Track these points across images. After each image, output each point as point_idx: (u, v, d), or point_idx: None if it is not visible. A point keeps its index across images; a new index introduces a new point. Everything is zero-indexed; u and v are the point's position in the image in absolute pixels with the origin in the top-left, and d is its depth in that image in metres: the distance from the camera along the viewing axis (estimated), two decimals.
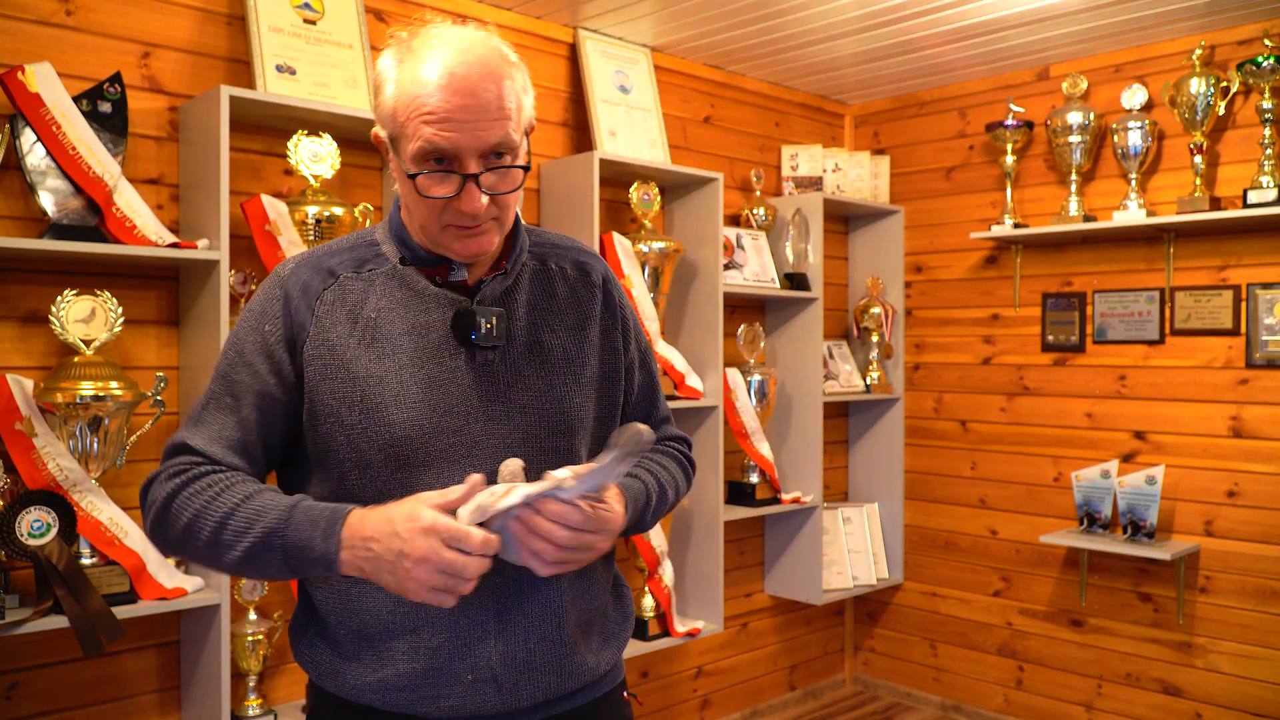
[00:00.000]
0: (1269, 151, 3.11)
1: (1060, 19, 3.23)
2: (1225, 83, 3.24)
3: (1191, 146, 3.28)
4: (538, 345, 1.31)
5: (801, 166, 4.00)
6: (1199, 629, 3.35)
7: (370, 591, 1.25)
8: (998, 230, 3.67)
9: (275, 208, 2.45)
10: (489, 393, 1.26)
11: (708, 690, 3.81)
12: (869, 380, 4.05)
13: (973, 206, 3.96)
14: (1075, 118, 3.49)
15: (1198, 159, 3.26)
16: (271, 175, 2.68)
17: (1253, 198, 3.10)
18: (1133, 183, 3.41)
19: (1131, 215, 3.36)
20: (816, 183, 3.99)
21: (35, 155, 2.21)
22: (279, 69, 2.56)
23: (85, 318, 2.21)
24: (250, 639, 2.47)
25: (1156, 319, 3.45)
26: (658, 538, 3.21)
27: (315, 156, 2.53)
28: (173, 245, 2.29)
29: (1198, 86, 3.22)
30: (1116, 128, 3.42)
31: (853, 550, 4.02)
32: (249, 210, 2.46)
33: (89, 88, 2.29)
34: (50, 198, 2.23)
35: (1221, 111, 3.25)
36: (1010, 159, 3.75)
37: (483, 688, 1.24)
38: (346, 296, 1.28)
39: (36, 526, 2.12)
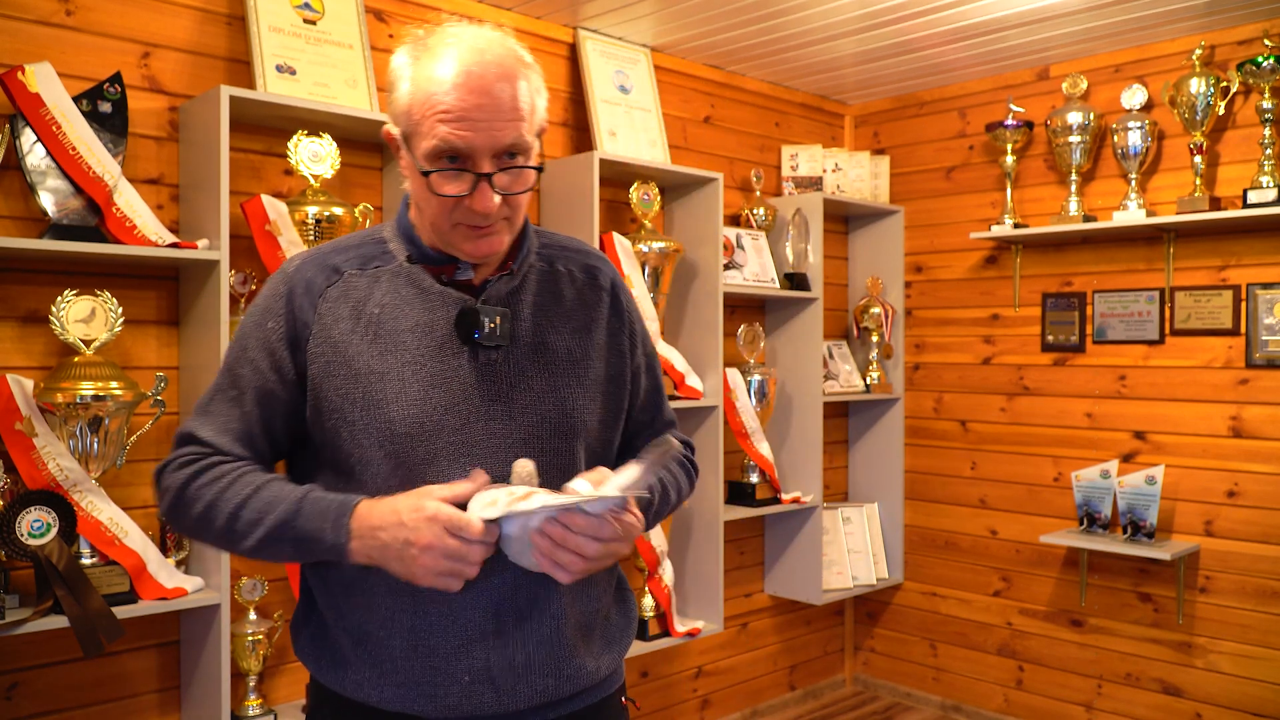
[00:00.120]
0: (1269, 151, 3.11)
1: (1060, 19, 3.23)
2: (1225, 83, 3.24)
3: (1191, 146, 3.28)
4: (542, 346, 1.31)
5: (801, 166, 4.00)
6: (1199, 629, 3.35)
7: (370, 590, 1.25)
8: (998, 230, 3.67)
9: (275, 208, 2.45)
10: (491, 392, 1.26)
11: (708, 690, 3.81)
12: (869, 380, 4.05)
13: (973, 206, 3.96)
14: (1075, 118, 3.49)
15: (1198, 159, 3.26)
16: (271, 175, 2.68)
17: (1253, 198, 3.10)
18: (1133, 183, 3.41)
19: (1131, 215, 3.36)
20: (816, 183, 3.99)
21: (35, 155, 2.21)
22: (279, 69, 2.56)
23: (85, 318, 2.21)
24: (250, 639, 2.47)
25: (1156, 319, 3.45)
26: (658, 538, 3.21)
27: (315, 156, 2.53)
28: (173, 245, 2.29)
29: (1198, 86, 3.22)
30: (1116, 128, 3.42)
31: (853, 550, 4.02)
32: (249, 210, 2.46)
33: (89, 88, 2.29)
34: (50, 198, 2.23)
35: (1221, 111, 3.25)
36: (1010, 159, 3.75)
37: (480, 689, 1.24)
38: (351, 293, 1.28)
39: (36, 526, 2.12)
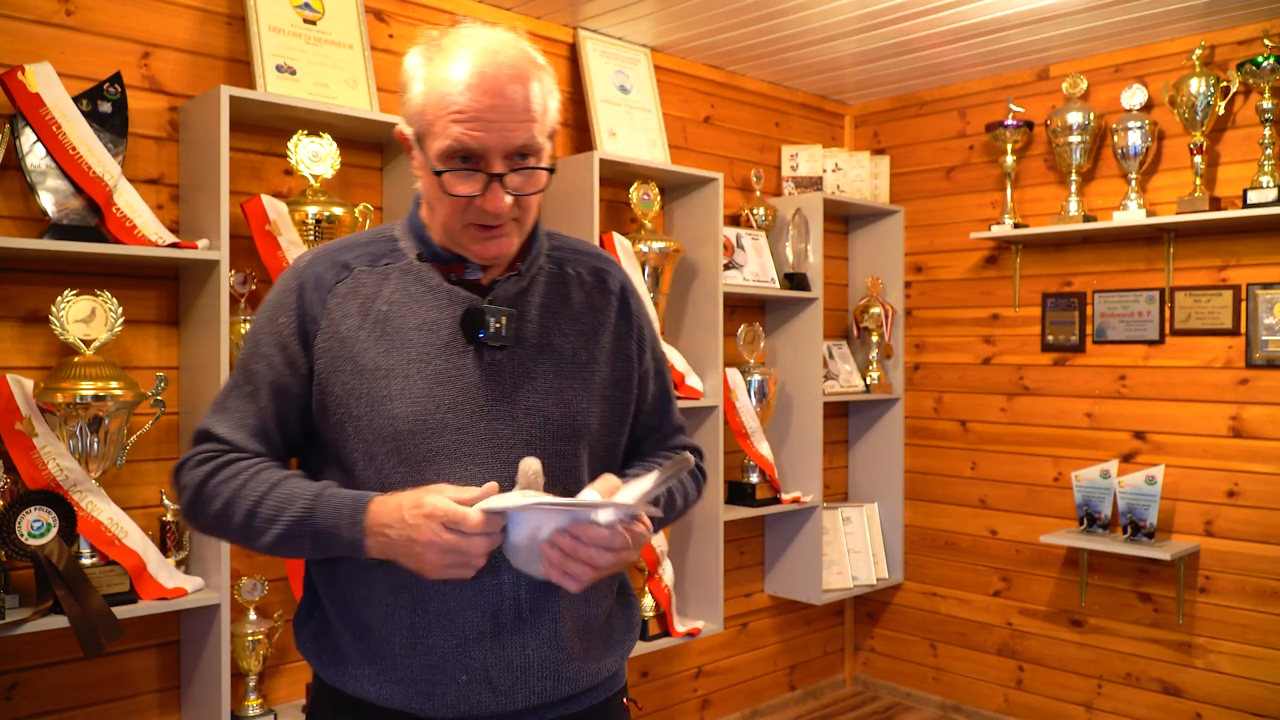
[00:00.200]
0: (1269, 151, 3.11)
1: (1060, 19, 3.23)
2: (1225, 83, 3.24)
3: (1191, 146, 3.28)
4: (547, 348, 1.31)
5: (801, 166, 4.00)
6: (1199, 629, 3.35)
7: (371, 587, 1.26)
8: (998, 230, 3.67)
9: (275, 208, 2.45)
10: (494, 392, 1.27)
11: (708, 690, 3.81)
12: (869, 380, 4.05)
13: (973, 206, 3.96)
14: (1075, 118, 3.49)
15: (1198, 159, 3.26)
16: (271, 175, 2.68)
17: (1253, 198, 3.10)
18: (1133, 183, 3.41)
19: (1131, 215, 3.36)
20: (816, 183, 3.99)
21: (35, 155, 2.21)
22: (279, 69, 2.56)
23: (85, 318, 2.21)
24: (250, 639, 2.47)
25: (1156, 319, 3.45)
26: (657, 538, 3.21)
27: (315, 156, 2.53)
28: (173, 245, 2.29)
29: (1198, 86, 3.22)
30: (1116, 128, 3.42)
31: (853, 550, 4.02)
32: (249, 210, 2.46)
33: (89, 88, 2.29)
34: (50, 198, 2.23)
35: (1221, 111, 3.25)
36: (1010, 159, 3.75)
37: (477, 688, 1.24)
38: (359, 289, 1.29)
39: (36, 526, 2.12)
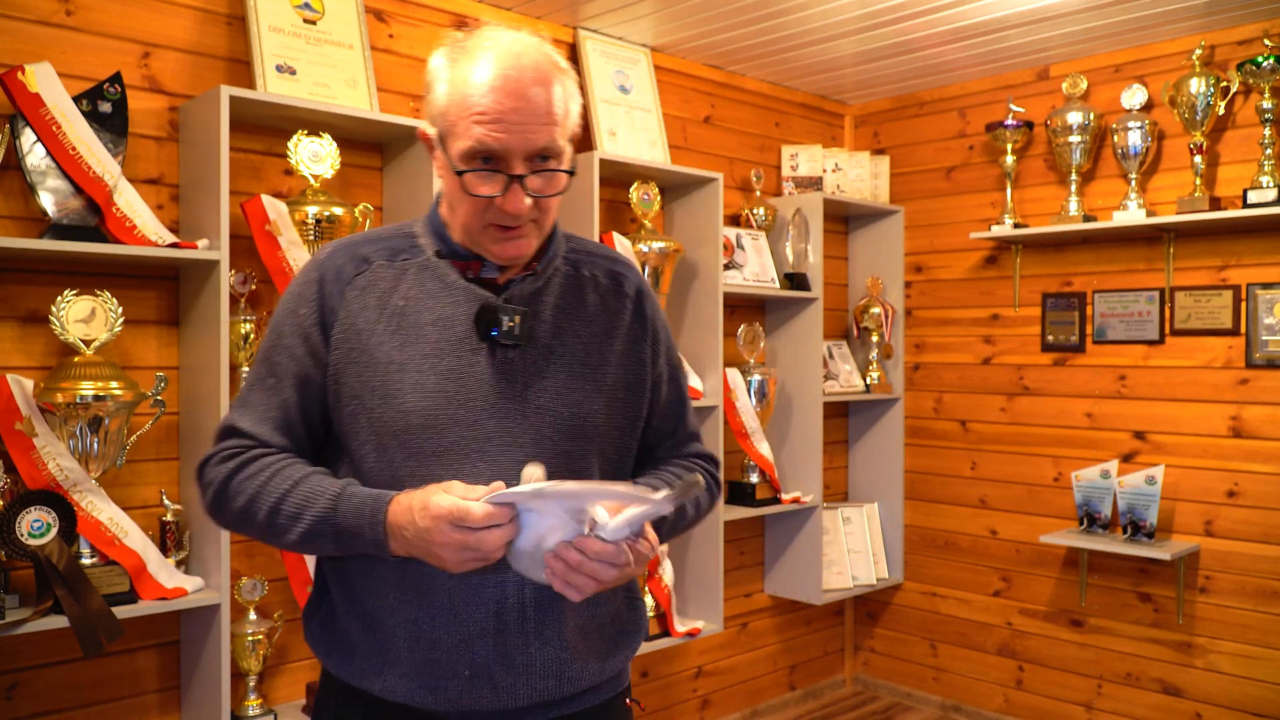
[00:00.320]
0: (1269, 151, 3.11)
1: (1060, 19, 3.23)
2: (1225, 83, 3.24)
3: (1191, 146, 3.28)
4: (560, 349, 1.32)
5: (801, 166, 4.00)
6: (1199, 629, 3.35)
7: (378, 580, 1.27)
8: (998, 230, 3.67)
9: (275, 208, 2.45)
10: (505, 390, 1.27)
11: (708, 690, 3.81)
12: (869, 380, 4.05)
13: (973, 206, 3.96)
14: (1075, 118, 3.49)
15: (1198, 159, 3.26)
16: (271, 175, 2.68)
17: (1253, 198, 3.10)
18: (1133, 183, 3.41)
19: (1131, 215, 3.36)
20: (816, 183, 3.99)
21: (35, 155, 2.21)
22: (279, 69, 2.56)
23: (85, 318, 2.21)
24: (250, 639, 2.47)
25: (1156, 319, 3.45)
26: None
27: (315, 156, 2.53)
28: (173, 245, 2.29)
29: (1198, 86, 3.22)
30: (1116, 128, 3.42)
31: (853, 550, 4.02)
32: (249, 210, 2.46)
33: (89, 88, 2.29)
34: (50, 198, 2.23)
35: (1221, 111, 3.25)
36: (1010, 159, 3.75)
37: (479, 685, 1.25)
38: (378, 283, 1.31)
39: (36, 526, 2.12)
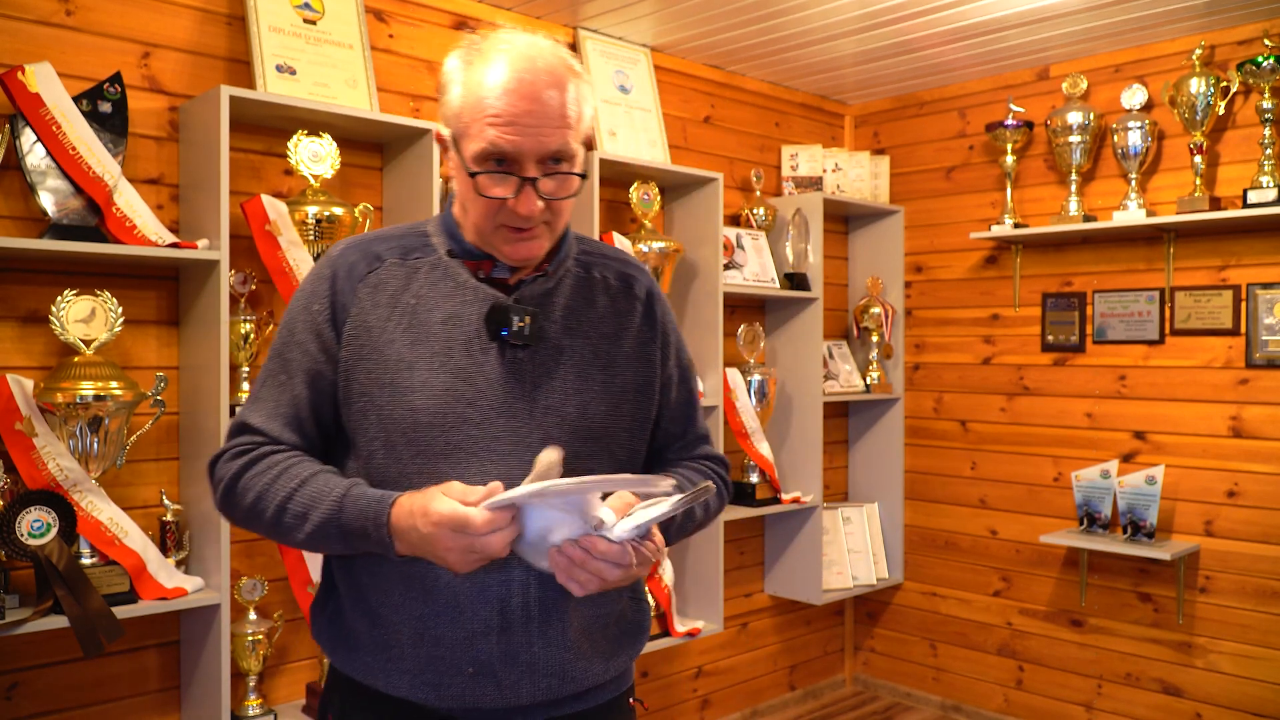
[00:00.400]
0: (1269, 151, 3.11)
1: (1060, 19, 3.23)
2: (1225, 83, 3.24)
3: (1191, 146, 3.28)
4: (569, 350, 1.33)
5: (801, 166, 4.00)
6: (1199, 629, 3.35)
7: (384, 576, 1.28)
8: (998, 230, 3.67)
9: (275, 208, 2.45)
10: (514, 390, 1.28)
11: (708, 690, 3.81)
12: (869, 380, 4.05)
13: (973, 206, 3.96)
14: (1075, 118, 3.49)
15: (1198, 159, 3.26)
16: (271, 175, 2.68)
17: (1253, 198, 3.10)
18: (1133, 183, 3.41)
19: (1131, 215, 3.36)
20: (816, 183, 3.99)
21: (35, 155, 2.21)
22: (279, 69, 2.56)
23: (85, 318, 2.21)
24: (250, 639, 2.47)
25: (1156, 319, 3.45)
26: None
27: (315, 156, 2.53)
28: (173, 245, 2.29)
29: (1198, 86, 3.22)
30: (1116, 128, 3.42)
31: (853, 550, 4.02)
32: (249, 210, 2.46)
33: (89, 88, 2.29)
34: (50, 198, 2.23)
35: (1221, 111, 3.25)
36: (1010, 159, 3.75)
37: (483, 682, 1.25)
38: (390, 281, 1.31)
39: (36, 526, 2.12)
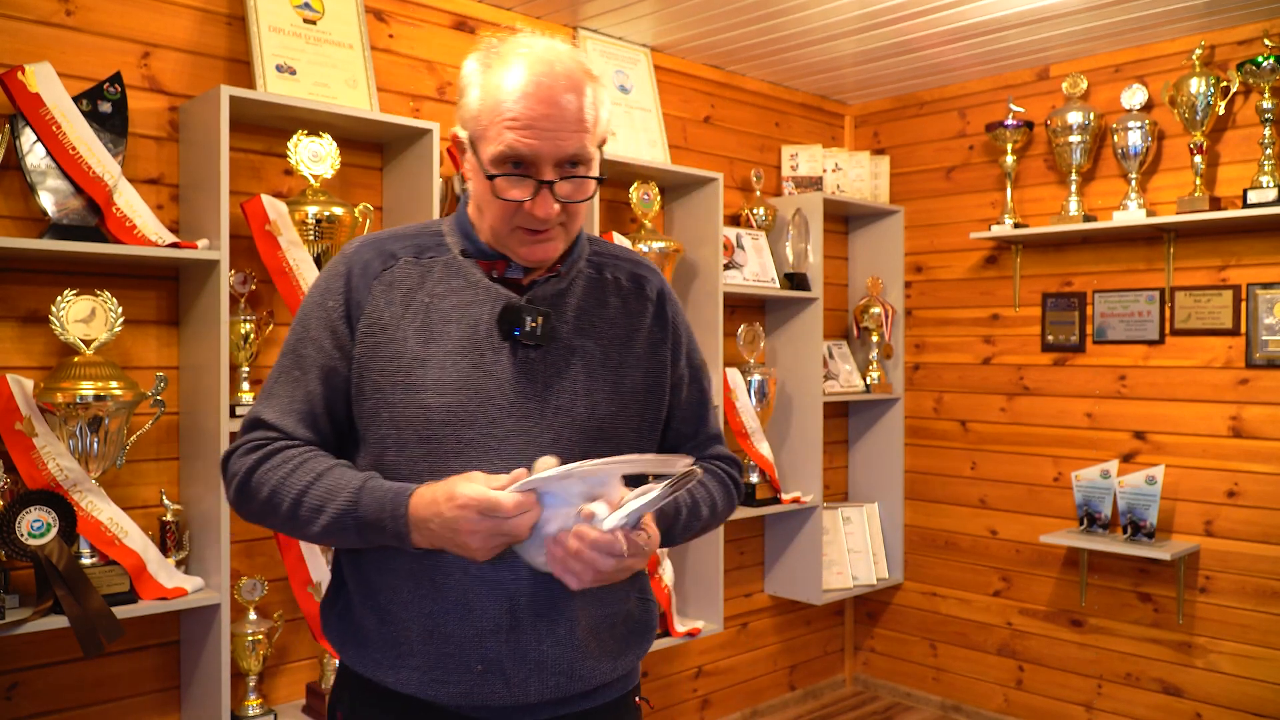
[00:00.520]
0: (1269, 151, 3.11)
1: (1060, 19, 3.23)
2: (1225, 83, 3.24)
3: (1191, 146, 3.28)
4: (581, 350, 1.34)
5: (801, 166, 4.00)
6: (1199, 629, 3.35)
7: (393, 573, 1.29)
8: (998, 230, 3.67)
9: (275, 208, 2.45)
10: (526, 390, 1.29)
11: (708, 690, 3.81)
12: (869, 380, 4.05)
13: (973, 206, 3.96)
14: (1075, 118, 3.49)
15: (1198, 159, 3.26)
16: (271, 175, 2.68)
17: (1253, 198, 3.10)
18: (1133, 183, 3.41)
19: (1131, 215, 3.36)
20: (816, 183, 3.99)
21: (35, 155, 2.21)
22: (279, 69, 2.56)
23: (85, 318, 2.21)
24: (250, 639, 2.47)
25: (1156, 319, 3.45)
26: None
27: (315, 156, 2.53)
28: (173, 245, 2.29)
29: (1198, 86, 3.22)
30: (1116, 128, 3.42)
31: (853, 550, 4.02)
32: (249, 210, 2.46)
33: (89, 88, 2.29)
34: (50, 198, 2.23)
35: (1221, 111, 3.25)
36: (1010, 159, 3.75)
37: (491, 680, 1.26)
38: (404, 280, 1.32)
39: (36, 526, 2.12)
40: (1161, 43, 3.44)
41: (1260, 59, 3.09)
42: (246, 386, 2.51)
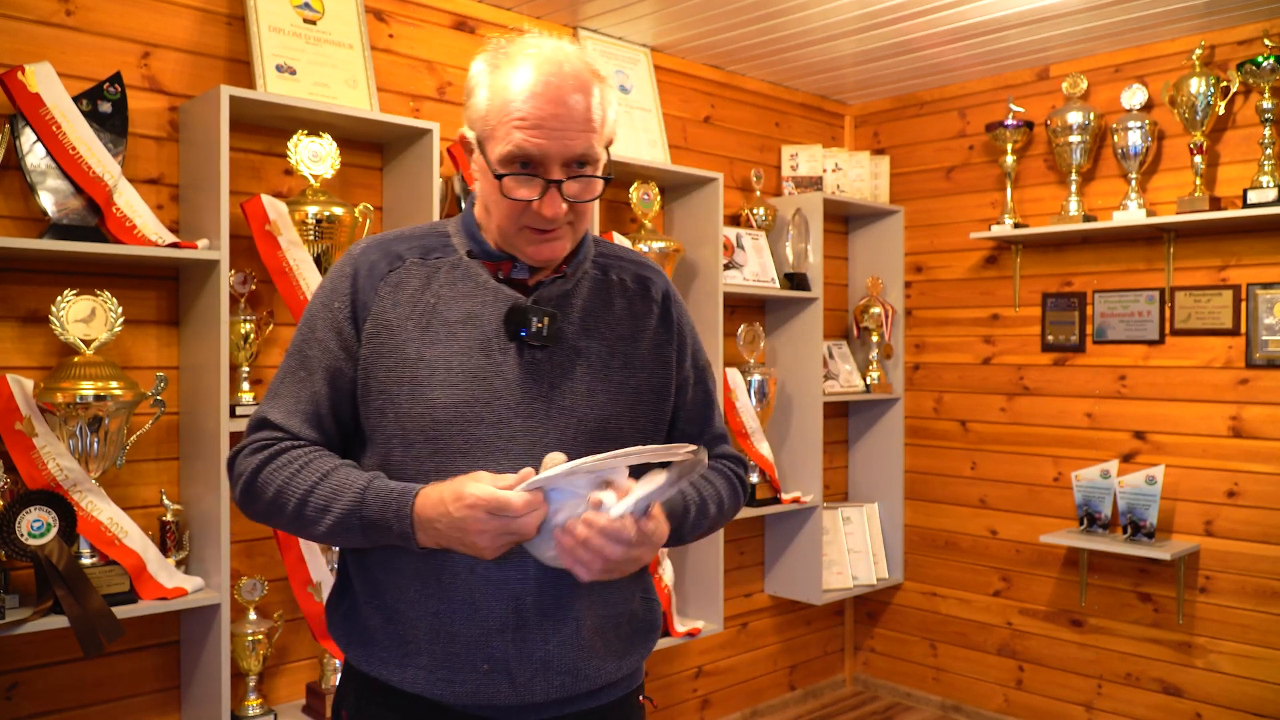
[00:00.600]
0: (1269, 151, 3.11)
1: (1060, 19, 3.23)
2: (1225, 83, 3.24)
3: (1191, 146, 3.28)
4: (586, 351, 1.34)
5: (801, 166, 4.00)
6: (1199, 629, 3.35)
7: (399, 573, 1.29)
8: (998, 230, 3.67)
9: (275, 208, 2.45)
10: (532, 390, 1.29)
11: (708, 690, 3.81)
12: (869, 380, 4.05)
13: (973, 206, 3.96)
14: (1075, 118, 3.49)
15: (1198, 159, 3.26)
16: (271, 175, 2.68)
17: (1253, 198, 3.10)
18: (1133, 183, 3.41)
19: (1131, 215, 3.36)
20: (816, 183, 3.99)
21: (35, 155, 2.21)
22: (279, 69, 2.56)
23: (85, 318, 2.21)
24: (250, 639, 2.47)
25: (1156, 319, 3.45)
26: None
27: (315, 156, 2.53)
28: (173, 245, 2.29)
29: (1198, 86, 3.22)
30: (1116, 128, 3.42)
31: (853, 550, 4.02)
32: (249, 210, 2.46)
33: (89, 88, 2.29)
34: (50, 198, 2.23)
35: (1221, 111, 3.25)
36: (1010, 159, 3.75)
37: (497, 679, 1.27)
38: (410, 280, 1.33)
39: (36, 526, 2.12)
40: (1161, 43, 3.44)
41: (1260, 59, 3.09)
42: (246, 386, 2.51)
